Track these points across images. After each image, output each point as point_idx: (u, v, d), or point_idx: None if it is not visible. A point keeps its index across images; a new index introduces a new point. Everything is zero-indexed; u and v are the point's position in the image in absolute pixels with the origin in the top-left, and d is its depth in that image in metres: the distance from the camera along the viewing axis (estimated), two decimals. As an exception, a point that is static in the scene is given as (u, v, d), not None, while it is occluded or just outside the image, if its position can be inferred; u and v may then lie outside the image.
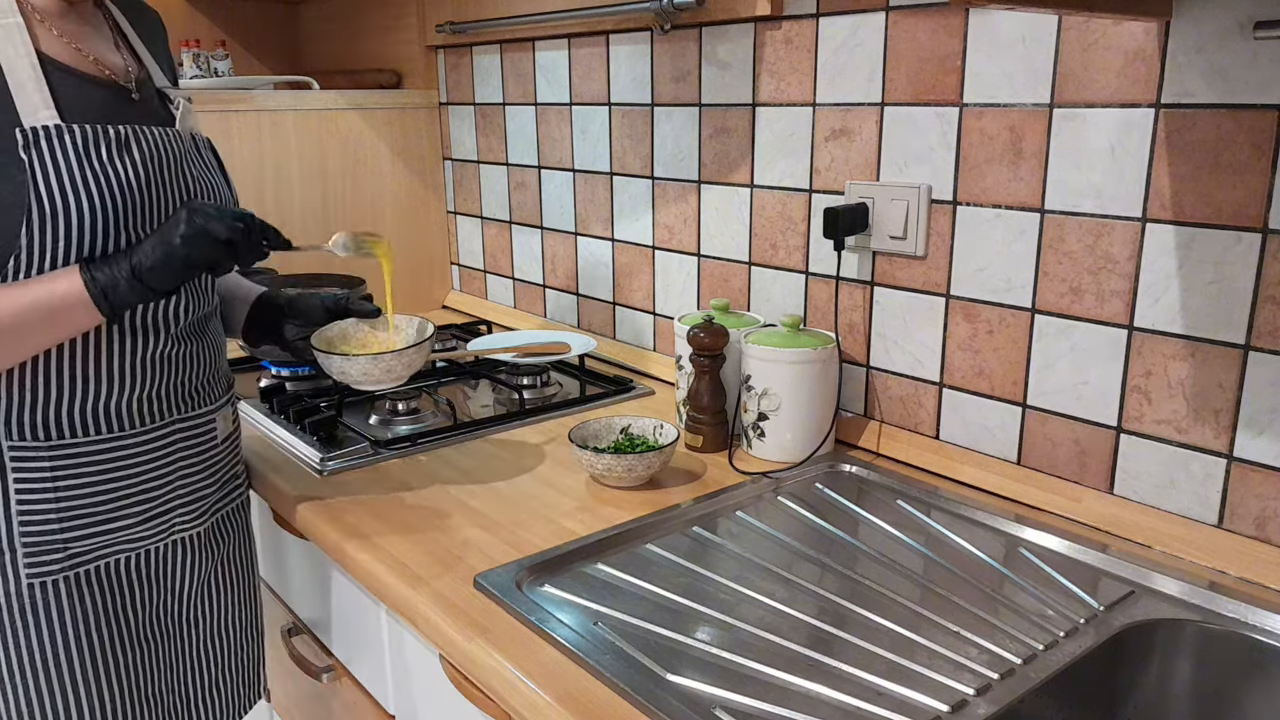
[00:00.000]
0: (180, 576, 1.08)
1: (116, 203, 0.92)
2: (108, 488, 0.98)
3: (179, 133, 1.02)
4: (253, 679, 1.21)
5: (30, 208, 0.87)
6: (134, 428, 1.00)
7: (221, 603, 1.14)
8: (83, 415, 0.96)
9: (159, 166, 0.97)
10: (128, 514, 1.00)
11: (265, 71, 2.44)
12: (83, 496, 0.97)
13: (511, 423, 1.43)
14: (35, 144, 0.88)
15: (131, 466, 1.00)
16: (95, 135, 0.92)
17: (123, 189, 0.92)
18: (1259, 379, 0.95)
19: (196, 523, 1.08)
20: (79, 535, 0.97)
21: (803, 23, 1.30)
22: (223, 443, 1.12)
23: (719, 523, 1.11)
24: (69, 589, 0.98)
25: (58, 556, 0.96)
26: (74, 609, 0.98)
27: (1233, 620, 0.91)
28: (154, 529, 1.03)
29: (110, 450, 0.98)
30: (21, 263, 0.88)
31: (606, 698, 0.79)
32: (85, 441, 0.96)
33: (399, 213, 2.10)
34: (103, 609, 1.00)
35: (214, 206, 0.96)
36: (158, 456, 1.02)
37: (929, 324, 1.23)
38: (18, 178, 0.87)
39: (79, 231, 0.90)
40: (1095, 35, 1.02)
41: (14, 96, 0.88)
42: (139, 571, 1.03)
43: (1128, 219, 1.02)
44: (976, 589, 0.96)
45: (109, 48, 1.01)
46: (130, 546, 1.02)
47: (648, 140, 1.59)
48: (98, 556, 0.99)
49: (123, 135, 0.94)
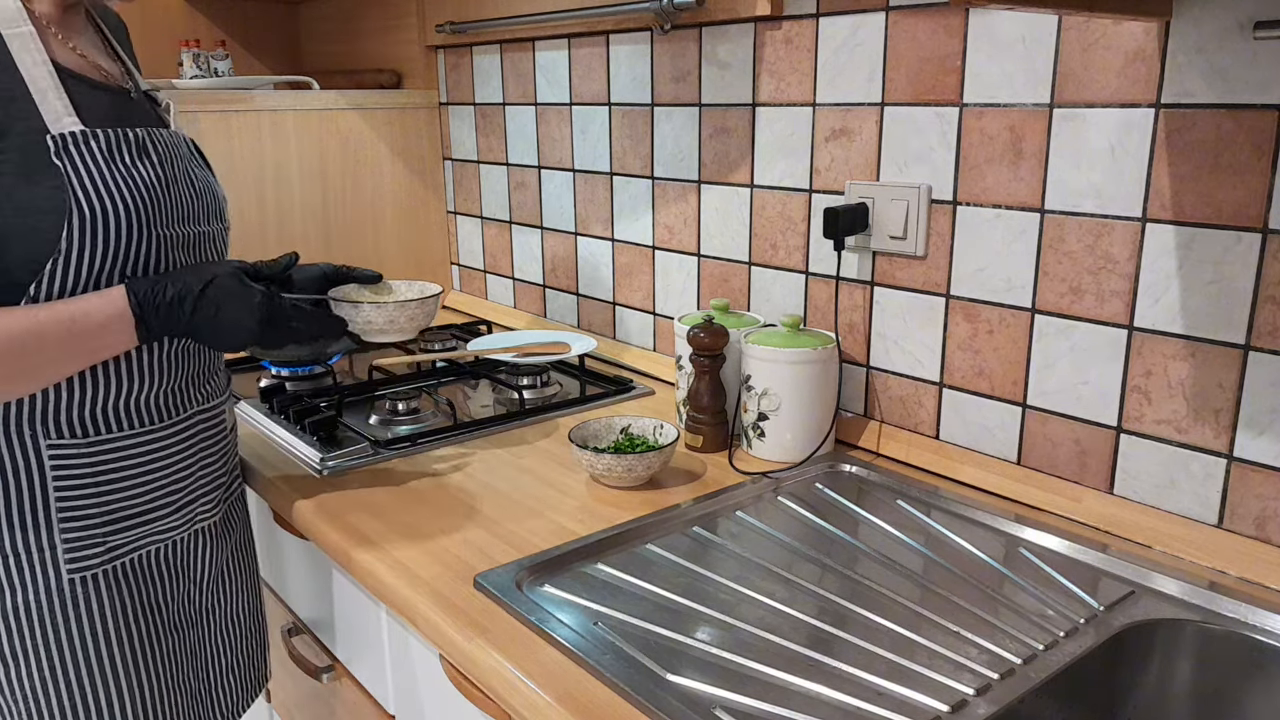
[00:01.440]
0: (201, 565, 1.10)
1: (144, 202, 0.94)
2: (145, 480, 1.00)
3: (175, 132, 1.05)
4: (260, 664, 1.22)
5: (71, 211, 0.89)
6: (164, 420, 1.02)
7: (232, 590, 1.15)
8: (116, 411, 0.98)
9: (172, 166, 1.00)
10: (161, 505, 1.03)
11: (265, 71, 2.44)
12: (122, 490, 0.99)
13: (511, 423, 1.43)
14: (66, 150, 0.90)
15: (165, 458, 1.02)
16: (117, 138, 0.94)
17: (148, 189, 0.95)
18: (1259, 379, 0.95)
19: (214, 511, 1.11)
20: (118, 529, 0.99)
21: (803, 23, 1.30)
22: (230, 433, 1.16)
23: (719, 523, 1.11)
24: (108, 583, 0.99)
25: (97, 550, 0.98)
26: (113, 602, 1.00)
27: (1233, 620, 0.91)
28: (182, 519, 1.06)
29: (146, 443, 1.00)
30: (59, 265, 0.90)
31: (606, 698, 0.79)
32: (122, 436, 0.98)
33: (399, 213, 2.10)
34: (139, 600, 1.02)
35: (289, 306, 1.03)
36: (185, 447, 1.05)
37: (929, 324, 1.23)
38: (50, 183, 0.89)
39: (117, 231, 0.92)
40: (1095, 35, 1.02)
41: (38, 104, 0.90)
42: (169, 561, 1.05)
43: (1128, 219, 1.02)
44: (976, 589, 0.96)
45: (104, 53, 1.03)
46: (162, 537, 1.04)
47: (648, 140, 1.59)
48: (136, 548, 1.01)
49: (140, 138, 0.97)
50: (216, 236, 1.07)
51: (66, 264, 0.90)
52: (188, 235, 1.01)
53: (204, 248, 1.04)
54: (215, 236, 1.07)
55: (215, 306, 0.96)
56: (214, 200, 1.07)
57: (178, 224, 0.99)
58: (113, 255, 0.92)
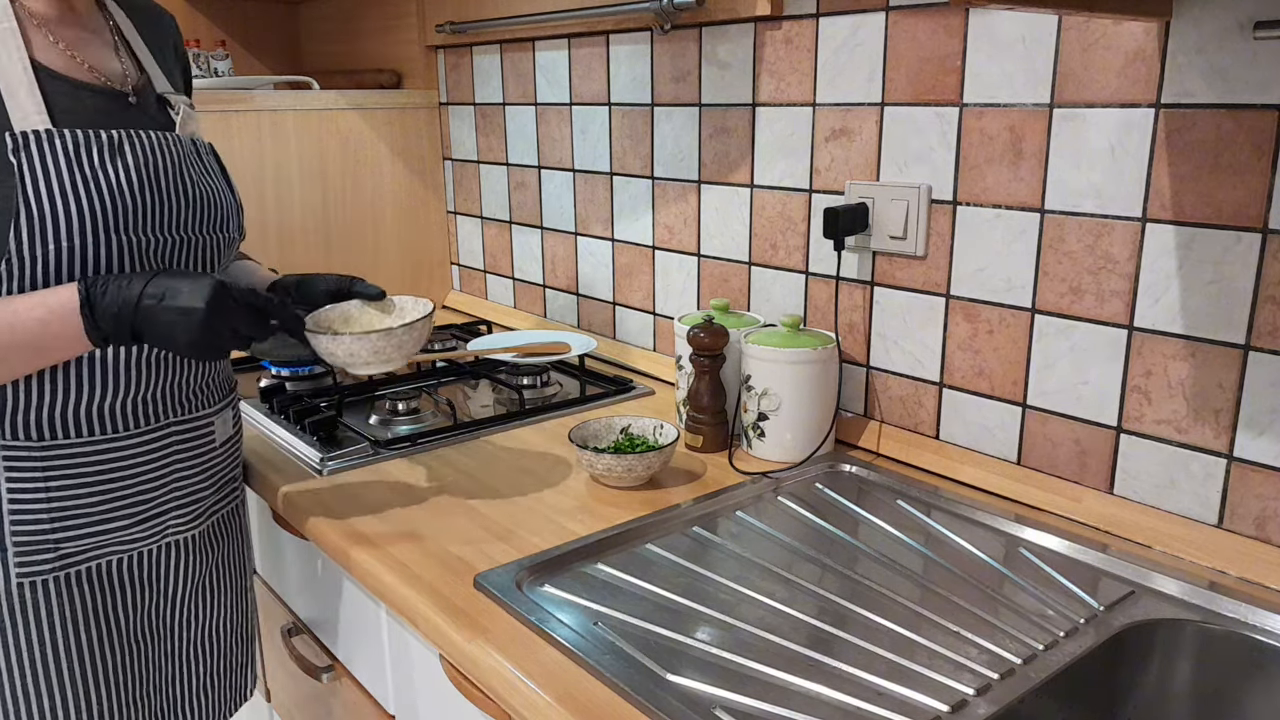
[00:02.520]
0: (174, 579, 1.08)
1: (106, 206, 0.91)
2: (101, 489, 0.98)
3: (178, 137, 1.01)
4: (241, 681, 1.20)
5: (19, 212, 0.87)
6: (129, 430, 0.99)
7: (214, 605, 1.13)
8: (76, 417, 0.96)
9: (154, 170, 0.96)
10: (121, 516, 1.00)
11: (265, 71, 2.44)
12: (76, 498, 0.97)
13: (511, 423, 1.43)
14: (25, 148, 0.88)
15: (126, 468, 1.00)
16: (87, 139, 0.92)
17: (113, 192, 0.92)
18: (1259, 379, 0.95)
19: (191, 525, 1.08)
20: (71, 536, 0.97)
21: (803, 23, 1.30)
22: (221, 446, 1.11)
23: (719, 523, 1.11)
24: (59, 589, 0.98)
25: (49, 557, 0.96)
26: (64, 609, 0.98)
27: (1233, 620, 0.91)
28: (147, 531, 1.03)
29: (104, 452, 0.98)
30: (14, 267, 0.88)
31: (606, 698, 0.79)
32: (79, 443, 0.96)
33: (399, 213, 2.10)
34: (93, 610, 1.00)
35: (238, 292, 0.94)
36: (154, 459, 1.02)
37: (929, 324, 1.23)
38: (8, 182, 0.87)
39: (68, 235, 0.89)
40: (1095, 35, 1.02)
41: (4, 101, 0.88)
42: (131, 573, 1.03)
43: (1128, 219, 1.02)
44: (976, 589, 0.96)
45: (109, 54, 1.01)
46: (124, 548, 1.02)
47: (648, 140, 1.59)
48: (90, 557, 0.99)
49: (115, 139, 0.94)
50: (209, 246, 1.03)
51: (20, 264, 0.88)
52: (166, 241, 0.97)
53: (187, 256, 1.00)
54: (207, 246, 1.03)
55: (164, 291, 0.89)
56: (210, 208, 1.02)
57: (153, 229, 0.95)
58: (67, 257, 0.90)
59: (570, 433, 1.22)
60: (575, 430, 1.23)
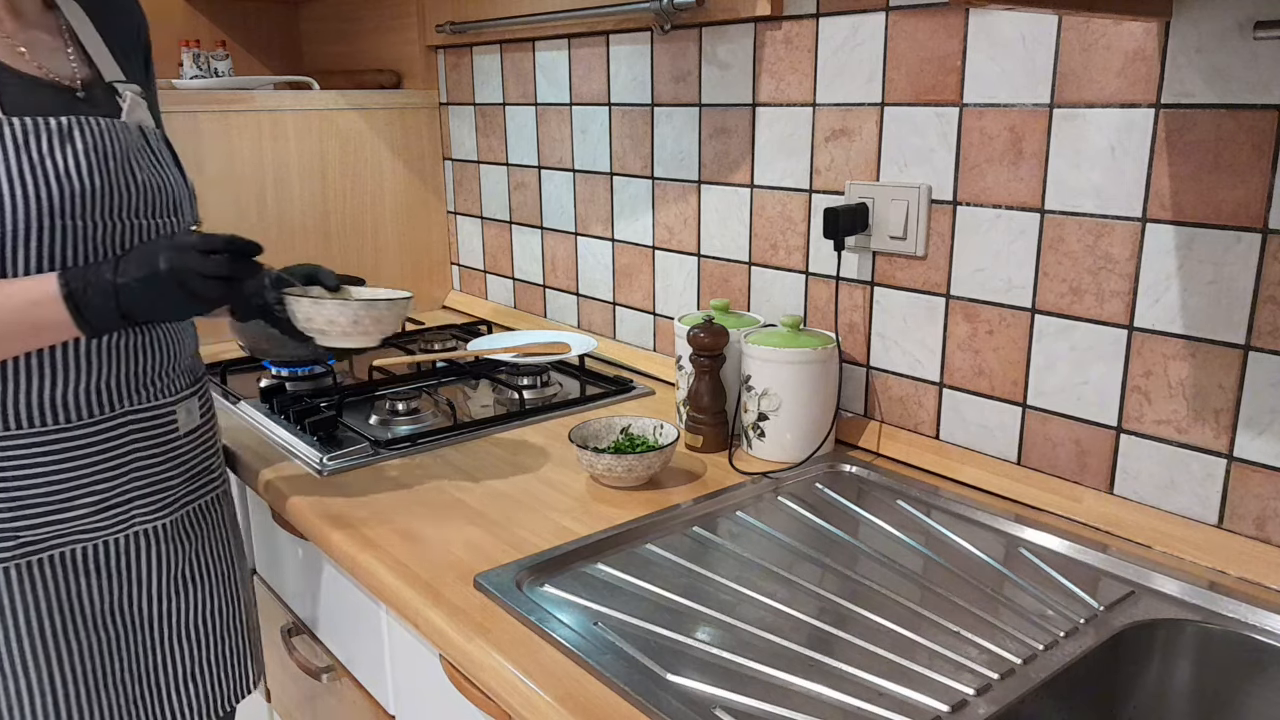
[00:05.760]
0: (146, 569, 1.08)
1: (53, 192, 0.93)
2: (59, 478, 0.99)
3: (125, 125, 1.01)
4: (239, 673, 1.20)
5: None
6: (83, 418, 1.00)
7: (197, 597, 1.13)
8: (29, 406, 0.96)
9: (103, 156, 0.97)
10: (80, 505, 1.01)
11: (265, 71, 2.44)
12: (32, 487, 0.97)
13: (511, 423, 1.43)
14: None
15: (83, 457, 1.00)
16: (36, 127, 0.93)
17: (60, 179, 0.93)
18: (1259, 379, 0.95)
19: (159, 515, 1.08)
20: (30, 524, 0.98)
21: (803, 23, 1.30)
22: (186, 436, 1.11)
23: (719, 523, 1.11)
24: (19, 576, 0.98)
25: (8, 544, 0.97)
26: (24, 596, 0.99)
27: (1233, 620, 0.91)
28: (110, 520, 1.03)
29: (58, 441, 0.98)
30: None
31: (606, 698, 0.79)
32: (34, 432, 0.97)
33: (399, 213, 2.10)
34: (57, 597, 1.01)
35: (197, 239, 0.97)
36: (111, 447, 1.02)
37: (929, 324, 1.23)
38: None
39: (13, 222, 0.91)
40: (1095, 35, 1.02)
41: None
42: (97, 562, 1.04)
43: (1128, 219, 1.02)
44: (976, 589, 0.96)
45: (59, 54, 1.02)
46: (86, 537, 1.02)
47: (648, 140, 1.59)
48: (50, 546, 1.00)
49: (65, 126, 0.95)
50: (159, 232, 1.03)
51: None
52: (116, 226, 0.98)
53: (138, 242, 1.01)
54: (158, 232, 1.03)
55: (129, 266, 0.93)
56: (162, 194, 1.03)
57: (103, 215, 0.96)
58: (11, 244, 0.91)
59: (570, 433, 1.22)
60: (575, 430, 1.23)
